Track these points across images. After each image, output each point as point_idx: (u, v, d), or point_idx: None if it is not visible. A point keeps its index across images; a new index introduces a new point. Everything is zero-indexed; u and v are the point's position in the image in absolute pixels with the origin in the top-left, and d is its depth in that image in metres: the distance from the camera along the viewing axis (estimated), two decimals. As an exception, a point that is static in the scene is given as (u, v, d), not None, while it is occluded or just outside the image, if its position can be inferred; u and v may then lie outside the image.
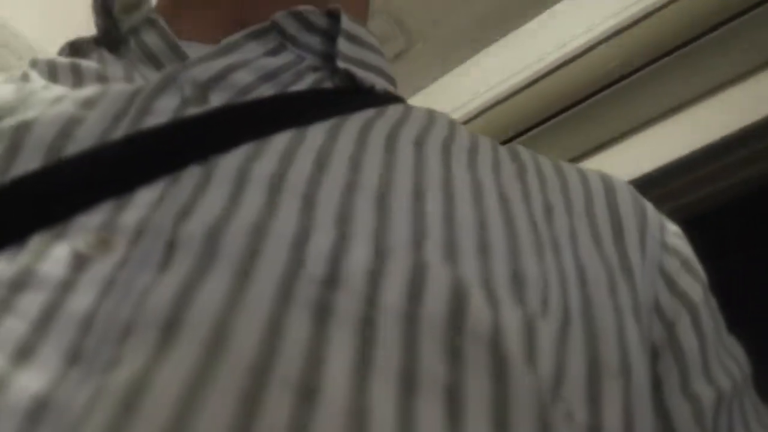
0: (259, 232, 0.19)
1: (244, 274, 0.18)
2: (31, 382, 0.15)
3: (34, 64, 0.29)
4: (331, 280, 0.18)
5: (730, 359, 0.26)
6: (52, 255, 0.18)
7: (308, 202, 0.20)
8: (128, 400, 0.15)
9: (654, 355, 0.24)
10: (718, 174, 0.89)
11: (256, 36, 0.29)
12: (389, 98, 0.30)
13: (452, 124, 0.29)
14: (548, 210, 0.25)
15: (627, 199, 0.28)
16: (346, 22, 0.31)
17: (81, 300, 0.17)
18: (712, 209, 0.94)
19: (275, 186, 0.21)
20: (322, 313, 0.17)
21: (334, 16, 0.31)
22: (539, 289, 0.21)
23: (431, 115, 0.29)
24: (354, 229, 0.20)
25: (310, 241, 0.19)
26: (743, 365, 0.27)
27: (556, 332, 0.20)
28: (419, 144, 0.25)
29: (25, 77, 0.28)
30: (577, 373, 0.20)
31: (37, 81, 0.27)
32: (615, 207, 0.27)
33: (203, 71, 0.26)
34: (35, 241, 0.18)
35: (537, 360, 0.19)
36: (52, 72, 0.28)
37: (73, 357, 0.16)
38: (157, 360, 0.16)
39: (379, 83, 0.31)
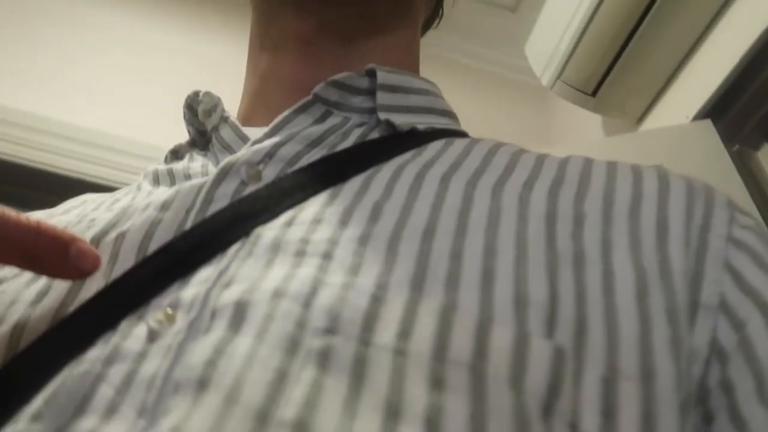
0: (278, 296, 0.23)
1: (261, 333, 0.22)
2: (114, 431, 0.21)
3: (145, 175, 0.36)
4: (332, 328, 0.21)
5: None
6: (134, 334, 0.24)
7: (326, 259, 0.24)
8: None
9: (721, 358, 0.24)
10: None
11: (303, 110, 0.34)
12: (432, 135, 0.33)
13: (491, 152, 0.31)
14: (578, 222, 0.26)
15: (680, 198, 0.28)
16: (383, 76, 0.35)
17: (149, 366, 0.22)
18: None
19: (301, 250, 0.25)
20: (323, 358, 0.21)
21: (373, 74, 0.35)
22: (543, 309, 0.22)
23: (468, 147, 0.32)
24: (359, 278, 0.23)
25: (318, 296, 0.22)
26: None
27: (557, 348, 0.21)
28: (445, 179, 0.28)
29: (138, 187, 0.35)
30: (590, 381, 0.21)
31: (145, 189, 0.35)
32: (664, 208, 0.27)
33: (256, 154, 0.31)
34: (124, 325, 0.24)
35: (525, 377, 0.20)
36: (155, 179, 0.35)
37: (142, 410, 0.21)
38: (192, 410, 0.20)
39: (424, 122, 0.34)
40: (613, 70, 1.03)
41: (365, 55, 0.37)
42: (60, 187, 1.15)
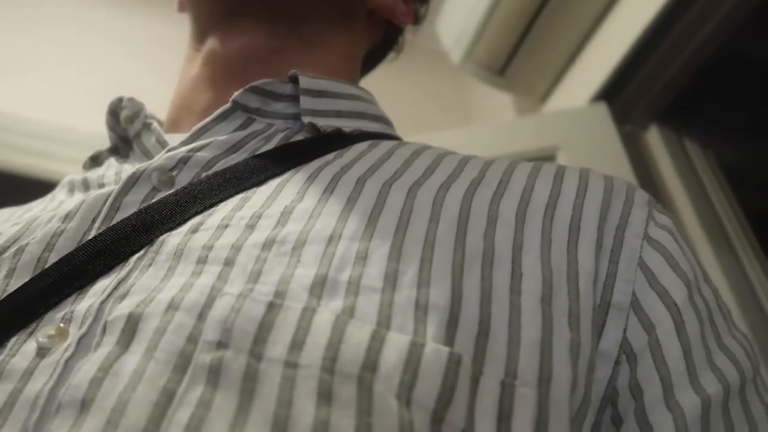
0: (172, 309, 0.22)
1: (151, 349, 0.21)
2: None
3: (62, 185, 0.35)
4: (224, 341, 0.20)
5: (726, 361, 0.25)
6: (23, 350, 0.22)
7: (227, 266, 0.23)
8: None
9: (630, 360, 0.24)
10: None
11: (223, 117, 0.33)
12: (358, 137, 0.33)
13: (415, 153, 0.31)
14: (491, 222, 0.26)
15: (596, 199, 0.28)
16: (306, 81, 0.33)
17: (35, 385, 0.21)
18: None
19: (203, 257, 0.24)
20: (213, 375, 0.20)
21: (296, 80, 0.34)
22: (444, 313, 0.22)
23: (393, 149, 0.31)
24: (258, 285, 0.22)
25: (214, 307, 0.21)
26: (745, 365, 0.25)
27: (453, 355, 0.21)
28: (361, 181, 0.27)
29: (52, 198, 0.34)
30: (489, 386, 0.21)
31: (58, 199, 0.33)
32: (579, 209, 0.27)
33: (169, 160, 0.30)
34: (12, 341, 0.23)
35: (415, 387, 0.20)
36: (71, 188, 0.34)
37: (24, 431, 0.20)
38: None
39: (352, 126, 0.33)
40: (520, 49, 1.05)
41: (295, 65, 0.35)
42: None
